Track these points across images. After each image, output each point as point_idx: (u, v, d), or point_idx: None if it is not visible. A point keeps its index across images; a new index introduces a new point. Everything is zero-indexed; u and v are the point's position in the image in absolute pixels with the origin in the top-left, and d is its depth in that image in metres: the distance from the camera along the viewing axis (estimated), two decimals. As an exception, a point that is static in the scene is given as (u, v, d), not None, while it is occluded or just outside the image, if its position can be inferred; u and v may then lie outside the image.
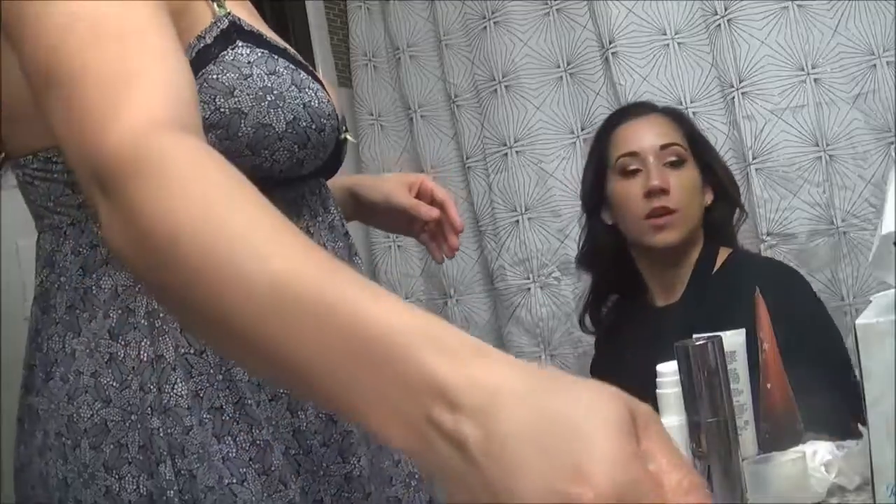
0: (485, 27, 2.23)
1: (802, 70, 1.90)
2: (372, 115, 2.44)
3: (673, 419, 0.97)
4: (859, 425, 0.95)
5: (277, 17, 2.41)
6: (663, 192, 1.59)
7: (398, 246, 2.39)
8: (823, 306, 1.62)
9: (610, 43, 2.05)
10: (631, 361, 1.46)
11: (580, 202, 1.82)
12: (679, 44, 2.03)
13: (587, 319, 1.84)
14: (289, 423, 0.88)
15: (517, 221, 2.21)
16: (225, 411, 0.85)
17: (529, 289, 2.21)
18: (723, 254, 1.66)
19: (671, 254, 1.64)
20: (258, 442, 0.85)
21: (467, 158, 2.30)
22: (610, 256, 1.73)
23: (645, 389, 0.67)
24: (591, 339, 1.92)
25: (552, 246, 2.19)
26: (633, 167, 1.62)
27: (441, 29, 2.31)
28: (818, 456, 1.08)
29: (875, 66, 1.86)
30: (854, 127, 1.89)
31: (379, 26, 2.43)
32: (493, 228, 2.25)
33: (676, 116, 1.71)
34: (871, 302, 0.93)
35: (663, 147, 1.63)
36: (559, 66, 2.19)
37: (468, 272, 2.34)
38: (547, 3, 2.18)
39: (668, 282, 1.68)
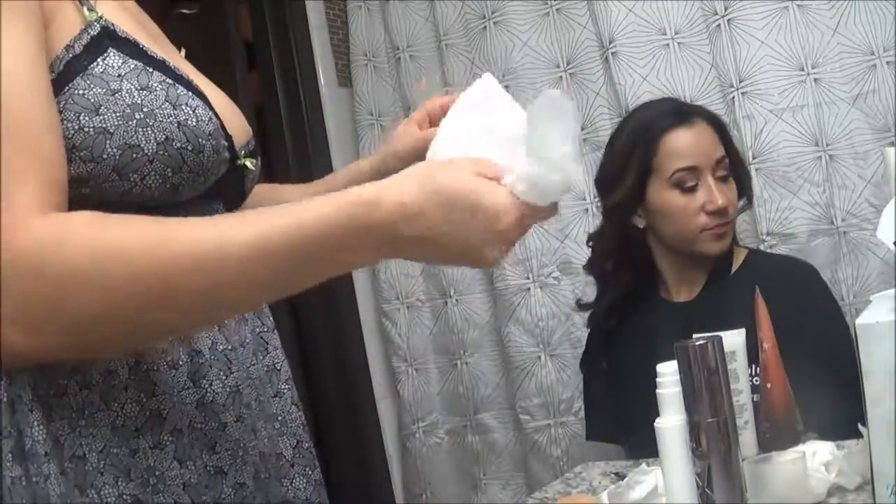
0: (485, 27, 2.23)
1: (802, 70, 1.90)
2: (372, 115, 2.44)
3: (673, 419, 0.97)
4: (859, 425, 0.95)
5: (277, 17, 2.42)
6: (726, 209, 1.61)
7: (398, 246, 2.38)
8: (837, 304, 1.66)
9: (610, 43, 2.05)
10: (649, 352, 1.47)
11: (597, 204, 1.81)
12: (679, 44, 2.03)
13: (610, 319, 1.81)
14: (177, 475, 0.80)
15: (517, 221, 2.21)
16: (88, 460, 0.77)
17: (529, 289, 2.21)
18: (739, 252, 1.69)
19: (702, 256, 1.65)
20: (125, 497, 0.77)
21: (467, 158, 2.29)
22: (639, 258, 1.73)
23: None
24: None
25: (552, 246, 2.19)
26: (691, 183, 1.61)
27: (441, 29, 2.31)
28: (818, 456, 1.08)
29: (875, 66, 1.86)
30: (854, 127, 1.88)
31: (379, 26, 2.42)
32: (493, 228, 2.24)
33: (718, 124, 1.69)
34: (871, 302, 0.93)
35: (718, 161, 1.63)
36: (559, 66, 2.18)
37: (468, 272, 2.33)
38: (547, 3, 2.18)
39: (687, 279, 1.69)
